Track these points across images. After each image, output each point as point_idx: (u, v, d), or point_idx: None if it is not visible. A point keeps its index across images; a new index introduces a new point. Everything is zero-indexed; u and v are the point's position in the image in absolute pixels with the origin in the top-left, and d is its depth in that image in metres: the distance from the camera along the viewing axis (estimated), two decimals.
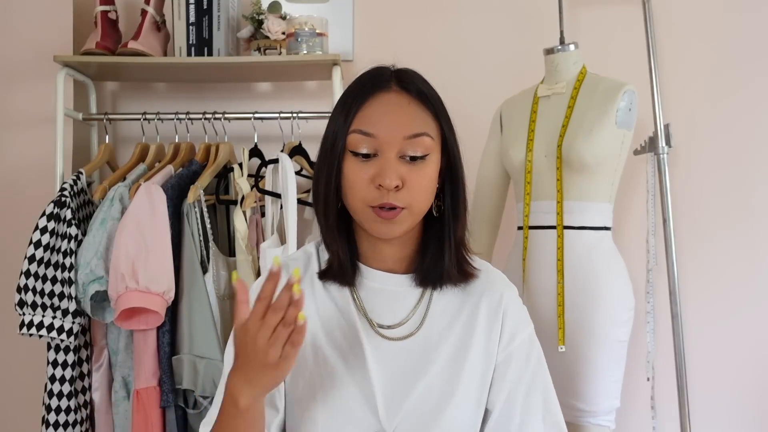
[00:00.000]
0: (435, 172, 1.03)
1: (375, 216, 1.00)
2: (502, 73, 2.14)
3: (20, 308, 1.74)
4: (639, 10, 1.92)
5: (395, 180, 0.98)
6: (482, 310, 1.08)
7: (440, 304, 1.08)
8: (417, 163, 1.01)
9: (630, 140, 1.73)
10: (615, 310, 1.67)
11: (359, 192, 1.01)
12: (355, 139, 1.01)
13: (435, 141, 1.03)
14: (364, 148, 1.01)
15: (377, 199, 1.00)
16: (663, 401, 1.95)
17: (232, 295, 1.93)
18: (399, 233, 1.02)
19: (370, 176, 1.00)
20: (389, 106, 1.02)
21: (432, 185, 1.03)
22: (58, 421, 1.77)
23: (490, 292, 1.09)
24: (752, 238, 2.08)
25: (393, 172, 0.99)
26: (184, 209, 1.85)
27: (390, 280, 1.08)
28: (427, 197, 1.03)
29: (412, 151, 1.00)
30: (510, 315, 1.09)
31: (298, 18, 2.00)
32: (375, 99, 1.03)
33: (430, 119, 1.03)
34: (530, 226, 1.74)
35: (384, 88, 1.03)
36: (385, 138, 1.00)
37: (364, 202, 1.01)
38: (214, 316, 1.82)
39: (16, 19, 2.16)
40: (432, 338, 1.06)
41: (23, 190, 2.15)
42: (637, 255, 1.95)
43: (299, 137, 2.01)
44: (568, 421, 1.71)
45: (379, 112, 1.02)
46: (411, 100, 1.03)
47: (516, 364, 1.07)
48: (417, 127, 1.01)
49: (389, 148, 1.00)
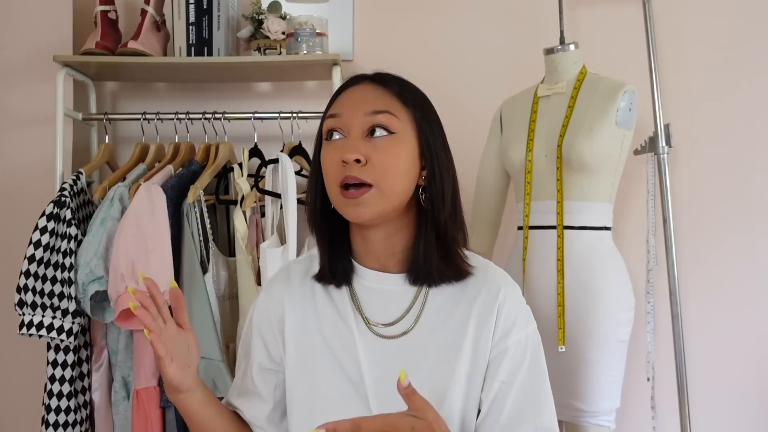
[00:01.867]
0: (406, 154, 1.04)
1: (345, 199, 1.02)
2: (502, 73, 2.14)
3: (20, 308, 1.73)
4: (639, 10, 1.92)
5: (355, 153, 1.01)
6: (476, 306, 1.07)
7: (436, 302, 1.08)
8: (382, 139, 1.02)
9: (630, 140, 1.73)
10: (615, 310, 1.67)
11: (329, 173, 1.04)
12: (326, 124, 1.06)
13: (402, 123, 1.04)
14: (333, 130, 1.05)
15: (341, 174, 1.02)
16: (663, 401, 1.95)
17: (232, 295, 1.93)
18: (369, 215, 1.02)
19: (338, 156, 1.02)
20: (357, 91, 1.07)
21: (402, 166, 1.03)
22: (57, 422, 1.77)
23: (487, 289, 1.08)
24: (753, 238, 2.08)
25: (353, 146, 1.02)
26: (184, 209, 1.85)
27: (385, 279, 1.09)
28: (396, 179, 1.03)
29: (375, 127, 1.02)
30: (506, 310, 1.06)
31: (298, 18, 2.00)
32: (347, 90, 1.08)
33: (398, 103, 1.05)
34: (530, 226, 1.74)
35: (357, 83, 1.09)
36: (349, 116, 1.04)
37: (334, 182, 1.03)
38: (214, 316, 1.82)
39: (15, 19, 2.16)
40: (425, 336, 1.06)
41: (23, 190, 2.14)
42: (637, 255, 1.95)
43: (299, 137, 2.01)
44: (568, 421, 1.71)
45: (347, 97, 1.07)
46: (378, 87, 1.07)
47: (508, 364, 1.04)
48: (379, 105, 1.04)
49: (353, 126, 1.03)
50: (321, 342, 1.08)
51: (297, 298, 1.12)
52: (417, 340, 1.06)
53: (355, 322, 1.07)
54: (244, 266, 1.85)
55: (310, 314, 1.10)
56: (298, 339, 1.10)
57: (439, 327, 1.07)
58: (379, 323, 1.08)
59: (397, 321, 1.07)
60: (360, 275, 1.10)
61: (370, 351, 1.06)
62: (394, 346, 1.06)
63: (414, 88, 1.10)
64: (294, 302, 1.11)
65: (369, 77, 1.09)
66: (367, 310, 1.08)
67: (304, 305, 1.11)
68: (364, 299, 1.09)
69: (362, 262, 1.10)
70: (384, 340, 1.07)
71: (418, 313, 1.07)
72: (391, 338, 1.07)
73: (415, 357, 1.05)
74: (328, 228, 1.10)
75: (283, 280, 1.15)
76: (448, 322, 1.07)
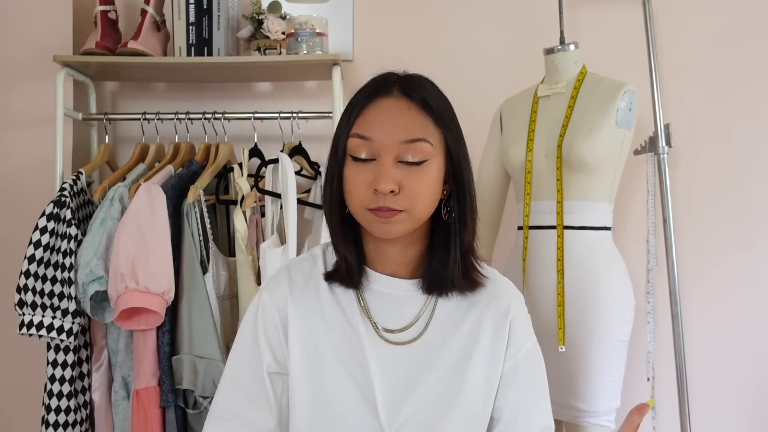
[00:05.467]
0: (436, 178, 1.02)
1: (374, 216, 1.00)
2: (502, 73, 2.14)
3: (20, 308, 1.73)
4: (639, 10, 1.92)
5: (390, 185, 0.98)
6: (488, 318, 1.08)
7: (444, 310, 1.08)
8: (415, 168, 1.00)
9: (630, 140, 1.73)
10: (615, 310, 1.67)
11: (357, 196, 1.01)
12: (354, 143, 1.01)
13: (435, 147, 1.01)
14: (362, 152, 1.00)
15: (374, 203, 0.99)
16: (663, 401, 1.95)
17: (232, 295, 1.93)
18: (398, 234, 1.02)
19: (367, 180, 0.99)
20: (388, 110, 1.01)
21: (432, 191, 1.02)
22: (57, 422, 1.77)
23: (497, 300, 1.10)
24: (753, 238, 2.08)
25: (388, 177, 0.98)
26: (184, 209, 1.85)
27: (396, 284, 1.08)
28: (426, 203, 1.02)
29: (410, 156, 0.99)
30: (517, 323, 1.10)
31: (298, 18, 2.00)
32: (375, 103, 1.02)
33: (431, 125, 1.02)
34: (530, 226, 1.74)
35: (385, 94, 1.03)
36: (382, 142, 0.99)
37: (362, 205, 1.00)
38: (214, 316, 1.82)
39: (15, 19, 2.16)
40: (435, 344, 1.06)
41: (23, 190, 2.14)
42: (637, 255, 1.95)
43: (299, 137, 2.01)
44: (568, 421, 1.71)
45: (378, 116, 1.01)
46: (411, 105, 1.02)
47: (524, 373, 1.09)
48: (414, 133, 1.00)
49: (386, 153, 0.99)
50: (327, 345, 1.06)
51: (301, 300, 1.09)
52: (426, 347, 1.06)
53: (363, 327, 1.06)
54: (244, 266, 1.85)
55: (315, 317, 1.08)
56: (303, 342, 1.07)
57: (449, 334, 1.07)
58: (387, 328, 1.07)
59: (406, 327, 1.07)
60: (370, 279, 1.09)
61: (378, 356, 1.05)
62: (403, 353, 1.06)
63: (444, 101, 1.05)
64: (298, 304, 1.08)
65: (399, 87, 1.03)
66: (375, 315, 1.07)
67: (309, 307, 1.08)
68: (372, 303, 1.08)
69: (374, 266, 1.09)
70: (393, 346, 1.06)
71: (428, 320, 1.07)
72: (401, 344, 1.06)
73: (425, 365, 1.05)
74: (353, 234, 1.08)
75: (286, 280, 1.10)
76: (459, 332, 1.07)
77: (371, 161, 1.00)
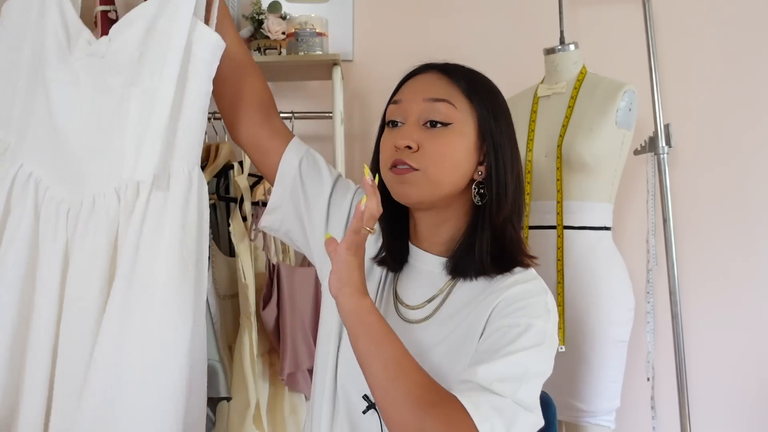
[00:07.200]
0: (461, 146, 1.02)
1: (393, 176, 1.03)
2: (502, 73, 2.12)
3: None
4: (639, 10, 1.92)
5: (407, 140, 1.01)
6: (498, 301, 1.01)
7: (460, 291, 1.06)
8: (437, 130, 1.02)
9: (630, 140, 1.73)
10: (615, 310, 1.67)
11: (383, 156, 1.05)
12: (388, 111, 1.08)
13: (461, 113, 1.03)
14: (394, 116, 1.06)
15: (392, 157, 1.02)
16: (663, 401, 1.95)
17: (231, 295, 1.93)
18: (415, 197, 1.02)
19: (392, 142, 1.03)
20: (420, 78, 1.08)
21: (454, 158, 1.02)
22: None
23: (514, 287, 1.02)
24: (752, 238, 2.08)
25: (408, 133, 1.02)
26: None
27: (424, 258, 1.09)
28: (445, 168, 1.01)
29: (432, 115, 1.02)
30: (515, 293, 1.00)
31: (298, 18, 2.00)
32: (412, 78, 1.09)
33: (459, 93, 1.04)
34: (530, 226, 1.74)
35: (423, 71, 1.09)
36: (409, 103, 1.04)
37: (385, 165, 1.04)
38: (213, 316, 1.82)
39: None
40: (442, 325, 1.05)
41: None
42: (637, 255, 1.95)
43: (299, 137, 2.00)
44: (568, 421, 1.71)
45: (412, 84, 1.08)
46: (443, 76, 1.06)
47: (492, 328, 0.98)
48: (438, 93, 1.03)
49: (411, 113, 1.03)
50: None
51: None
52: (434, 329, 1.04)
53: (386, 295, 1.11)
54: (243, 253, 1.85)
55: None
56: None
57: (460, 313, 1.03)
58: (405, 302, 1.09)
59: (421, 305, 1.07)
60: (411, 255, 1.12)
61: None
62: (414, 331, 1.05)
63: (484, 80, 1.10)
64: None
65: (437, 66, 1.09)
66: (399, 286, 1.11)
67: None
68: (402, 274, 1.12)
69: (414, 241, 1.12)
70: (405, 324, 1.07)
71: (442, 301, 1.06)
72: (413, 323, 1.06)
73: (429, 343, 1.03)
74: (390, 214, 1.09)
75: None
76: (466, 314, 1.03)
77: (401, 126, 1.04)
